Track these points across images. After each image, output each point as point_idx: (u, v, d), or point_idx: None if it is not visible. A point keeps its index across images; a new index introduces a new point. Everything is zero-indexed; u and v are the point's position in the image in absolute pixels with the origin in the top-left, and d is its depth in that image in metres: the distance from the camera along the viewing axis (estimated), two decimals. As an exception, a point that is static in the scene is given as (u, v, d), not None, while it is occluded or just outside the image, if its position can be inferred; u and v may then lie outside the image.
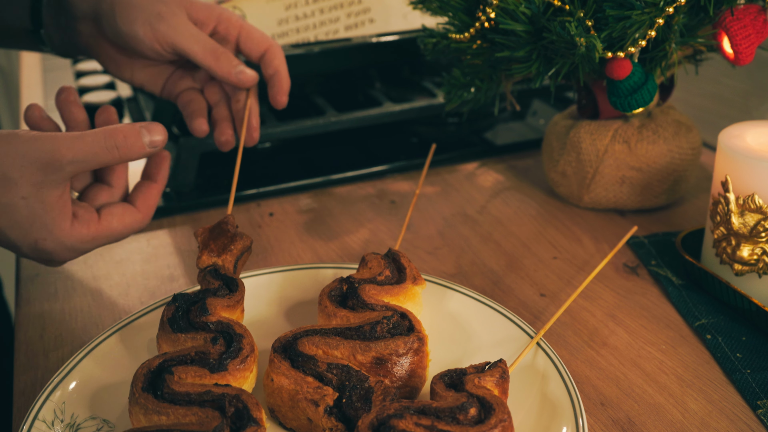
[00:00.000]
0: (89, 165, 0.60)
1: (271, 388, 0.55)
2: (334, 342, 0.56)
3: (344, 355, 0.56)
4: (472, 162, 1.01)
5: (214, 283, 0.62)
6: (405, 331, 0.58)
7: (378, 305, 0.60)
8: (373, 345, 0.55)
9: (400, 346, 0.56)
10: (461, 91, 0.88)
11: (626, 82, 0.75)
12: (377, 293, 0.61)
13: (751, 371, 0.63)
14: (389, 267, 0.64)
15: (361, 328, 0.57)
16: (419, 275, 0.64)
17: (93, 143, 0.59)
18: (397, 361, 0.56)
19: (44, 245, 0.61)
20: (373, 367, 0.56)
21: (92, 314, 0.72)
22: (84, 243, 0.63)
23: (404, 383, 0.57)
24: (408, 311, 0.60)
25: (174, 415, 0.50)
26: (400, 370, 0.56)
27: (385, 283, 0.63)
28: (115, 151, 0.60)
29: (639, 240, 0.82)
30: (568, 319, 0.71)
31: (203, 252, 0.64)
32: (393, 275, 0.64)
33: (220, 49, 0.75)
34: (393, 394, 0.53)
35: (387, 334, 0.57)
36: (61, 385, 0.58)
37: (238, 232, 0.66)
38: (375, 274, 0.63)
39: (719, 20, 0.74)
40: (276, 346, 0.57)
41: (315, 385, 0.54)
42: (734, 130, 0.71)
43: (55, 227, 0.61)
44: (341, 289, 0.62)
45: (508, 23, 0.74)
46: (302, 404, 0.54)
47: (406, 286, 0.63)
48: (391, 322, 0.57)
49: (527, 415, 0.56)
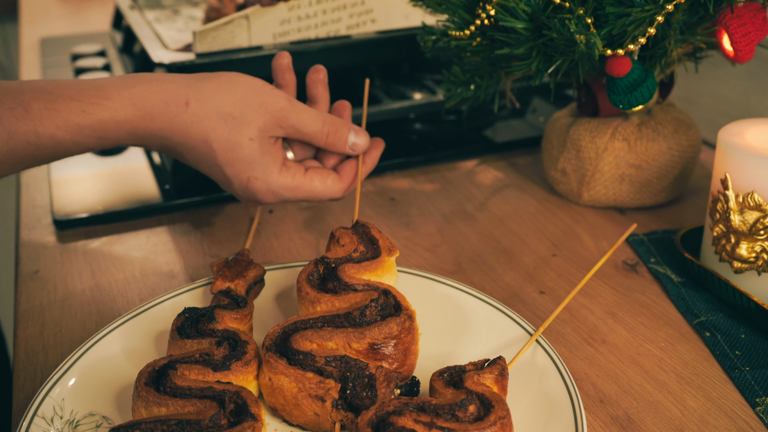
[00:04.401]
0: (302, 136, 0.70)
1: (271, 388, 0.55)
2: (327, 334, 0.56)
3: (339, 345, 0.56)
4: (471, 159, 1.01)
5: (224, 300, 0.63)
6: (393, 311, 0.58)
7: (359, 285, 0.60)
8: (367, 332, 0.56)
9: (393, 328, 0.56)
10: (461, 88, 0.88)
11: (626, 80, 0.75)
12: (356, 272, 0.61)
13: (750, 369, 0.63)
14: (362, 241, 0.65)
15: (350, 315, 0.57)
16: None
17: (313, 122, 0.69)
18: (392, 343, 0.56)
19: (254, 184, 0.68)
20: (370, 353, 0.56)
21: (91, 311, 0.72)
22: (286, 190, 0.69)
23: (401, 363, 0.57)
24: (390, 287, 0.60)
25: (173, 406, 0.51)
26: (396, 351, 0.57)
27: (361, 259, 0.63)
28: (324, 137, 0.70)
29: (638, 237, 0.82)
30: (567, 316, 0.71)
31: (218, 278, 0.66)
32: (367, 249, 0.64)
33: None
34: (396, 378, 0.53)
35: (377, 316, 0.57)
36: (61, 382, 0.58)
37: (253, 262, 0.68)
38: (349, 251, 0.64)
39: (719, 18, 0.74)
40: (268, 345, 0.56)
41: (317, 380, 0.53)
42: (734, 128, 0.71)
43: (267, 169, 0.68)
44: (318, 272, 0.62)
45: (508, 20, 0.74)
46: (307, 401, 0.54)
47: (383, 259, 0.63)
48: (379, 304, 0.58)
49: (526, 413, 0.56)
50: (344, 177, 0.72)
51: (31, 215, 0.88)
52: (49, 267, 0.78)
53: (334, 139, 0.71)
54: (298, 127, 0.69)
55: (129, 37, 1.28)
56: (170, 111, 0.64)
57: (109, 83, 0.63)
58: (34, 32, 1.56)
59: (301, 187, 0.70)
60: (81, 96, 0.61)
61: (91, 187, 0.91)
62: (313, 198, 0.71)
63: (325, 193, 0.71)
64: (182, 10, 1.22)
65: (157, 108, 0.64)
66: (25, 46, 1.47)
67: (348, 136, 0.72)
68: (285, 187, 0.69)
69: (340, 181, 0.72)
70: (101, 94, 0.62)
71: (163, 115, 0.64)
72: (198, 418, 0.49)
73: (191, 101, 0.65)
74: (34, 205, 0.90)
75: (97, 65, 1.24)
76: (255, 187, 0.68)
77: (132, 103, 0.63)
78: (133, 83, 0.64)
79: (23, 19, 1.67)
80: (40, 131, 0.60)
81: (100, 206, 0.87)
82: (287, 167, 0.69)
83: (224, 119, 0.66)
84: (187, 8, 1.23)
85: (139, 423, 0.49)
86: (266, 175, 0.68)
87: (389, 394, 0.53)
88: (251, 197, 0.70)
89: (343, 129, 0.72)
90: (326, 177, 0.71)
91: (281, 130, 0.68)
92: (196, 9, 1.23)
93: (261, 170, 0.68)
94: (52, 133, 0.60)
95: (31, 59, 1.39)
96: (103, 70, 1.22)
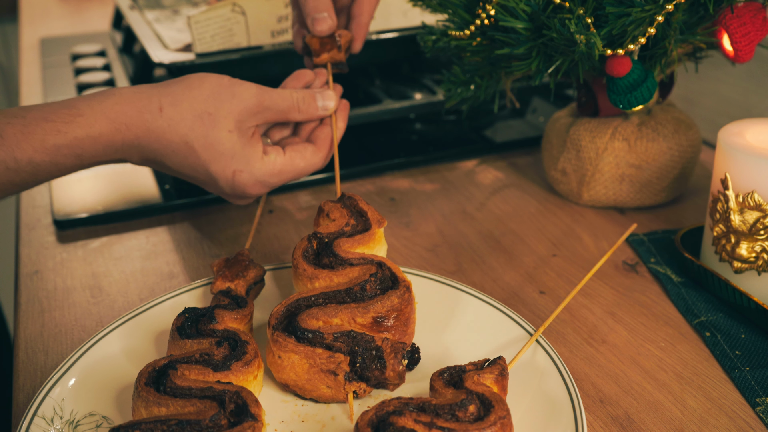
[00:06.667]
0: (277, 115, 0.70)
1: (281, 366, 0.57)
2: (332, 310, 0.58)
3: (344, 321, 0.57)
4: (471, 159, 1.01)
5: (223, 300, 0.63)
6: (390, 283, 0.60)
7: (355, 259, 0.62)
8: (370, 306, 0.58)
9: (394, 301, 0.58)
10: (461, 88, 0.88)
11: (626, 80, 0.75)
12: (351, 246, 0.63)
13: (750, 369, 0.63)
14: (352, 215, 0.66)
15: (351, 290, 0.59)
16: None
17: (284, 97, 0.70)
18: (394, 314, 0.58)
19: (240, 177, 0.68)
20: (374, 326, 0.58)
21: (91, 311, 0.72)
22: (272, 176, 0.69)
23: (403, 333, 0.59)
24: (384, 259, 0.62)
25: (173, 406, 0.51)
26: (398, 322, 0.59)
27: (353, 233, 0.65)
28: (296, 108, 0.71)
29: (638, 237, 0.82)
30: (567, 316, 0.71)
31: (218, 278, 0.66)
32: (358, 222, 0.66)
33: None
34: (402, 348, 0.56)
35: (377, 290, 0.59)
36: (61, 382, 0.58)
37: (253, 262, 0.68)
38: (341, 225, 0.65)
39: (719, 18, 0.74)
40: (274, 324, 0.58)
41: (327, 355, 0.56)
42: (734, 128, 0.71)
43: (250, 160, 0.68)
44: (312, 248, 0.64)
45: (508, 20, 0.74)
46: (319, 376, 0.56)
47: (374, 231, 0.65)
48: (378, 278, 0.60)
49: (526, 413, 0.56)
50: (321, 145, 0.73)
51: (31, 215, 0.88)
52: (49, 267, 0.78)
53: (306, 105, 0.72)
54: (273, 106, 0.69)
55: (129, 37, 1.28)
56: (145, 118, 0.64)
57: (81, 101, 0.63)
58: (34, 32, 1.56)
59: (285, 170, 0.70)
60: (54, 116, 0.61)
61: (91, 187, 0.91)
62: (299, 176, 0.71)
63: (308, 167, 0.71)
64: (182, 10, 1.22)
65: (131, 118, 0.64)
66: (25, 46, 1.47)
67: (317, 99, 0.73)
68: (269, 173, 0.69)
69: (319, 151, 0.72)
70: (74, 111, 0.62)
71: (138, 123, 0.64)
72: (198, 419, 0.49)
73: (164, 106, 0.65)
74: (34, 205, 0.90)
75: (97, 65, 1.24)
76: (241, 180, 0.68)
77: (106, 117, 0.63)
78: (104, 98, 0.64)
79: (23, 19, 1.67)
80: (17, 156, 0.59)
81: (100, 206, 0.87)
82: (267, 153, 0.69)
83: (200, 117, 0.66)
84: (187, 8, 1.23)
85: (139, 423, 0.49)
86: (250, 166, 0.68)
87: (397, 365, 0.55)
88: (239, 192, 0.69)
89: (311, 94, 0.73)
90: (304, 151, 0.71)
91: (258, 117, 0.69)
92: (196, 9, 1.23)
93: (245, 162, 0.68)
94: (30, 157, 0.60)
95: (31, 59, 1.39)
96: (103, 70, 1.22)
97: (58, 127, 0.61)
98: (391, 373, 0.55)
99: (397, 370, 0.55)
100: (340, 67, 0.79)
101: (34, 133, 0.60)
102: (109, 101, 0.64)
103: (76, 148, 0.62)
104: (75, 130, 0.62)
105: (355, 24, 0.81)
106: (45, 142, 0.60)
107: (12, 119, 0.60)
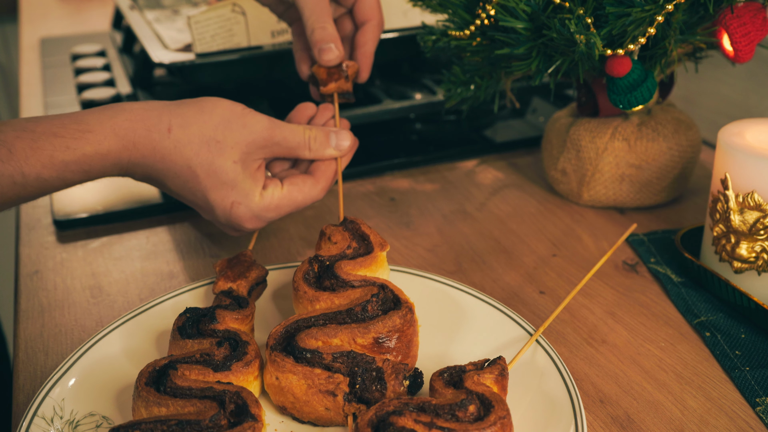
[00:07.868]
0: (286, 151, 0.69)
1: (279, 387, 0.55)
2: (332, 331, 0.56)
3: (344, 341, 0.56)
4: (471, 159, 1.01)
5: (225, 300, 0.63)
6: (392, 304, 0.59)
7: (356, 281, 0.61)
8: (371, 326, 0.57)
9: (396, 321, 0.57)
10: (461, 88, 0.88)
11: (626, 80, 0.75)
12: (352, 268, 0.62)
13: (750, 369, 0.63)
14: (354, 238, 0.65)
15: (352, 311, 0.58)
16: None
17: (295, 133, 0.69)
18: (395, 335, 0.57)
19: (237, 210, 0.67)
20: (375, 347, 0.57)
21: (91, 311, 0.72)
22: (269, 211, 0.69)
23: (405, 354, 0.58)
24: (386, 281, 0.61)
25: (173, 406, 0.51)
26: (400, 344, 0.57)
27: (355, 255, 0.64)
28: (307, 146, 0.70)
29: (638, 237, 0.82)
30: (567, 316, 0.71)
31: (220, 278, 0.66)
32: (360, 246, 0.65)
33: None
34: (403, 369, 0.54)
35: (378, 311, 0.58)
36: (61, 382, 0.58)
37: (255, 262, 0.68)
38: (342, 248, 0.64)
39: (719, 18, 0.74)
40: (272, 344, 0.57)
41: (325, 376, 0.54)
42: (734, 128, 0.71)
43: (249, 193, 0.67)
44: (314, 270, 0.63)
45: (508, 20, 0.74)
46: (317, 397, 0.54)
47: (376, 254, 0.64)
48: (380, 299, 0.59)
49: (526, 413, 0.56)
50: (319, 177, 0.71)
51: (31, 215, 0.88)
52: (49, 267, 0.78)
53: (318, 144, 0.70)
54: (283, 142, 0.68)
55: (129, 37, 1.28)
56: (153, 138, 0.64)
57: (90, 116, 0.63)
58: (34, 32, 1.56)
59: (282, 204, 0.69)
60: (63, 132, 0.61)
61: (91, 187, 0.91)
62: (296, 209, 0.70)
63: (307, 200, 0.70)
64: (182, 10, 1.22)
65: (140, 136, 0.63)
66: (25, 46, 1.47)
67: (330, 139, 0.71)
68: (267, 208, 0.68)
69: (317, 183, 0.71)
70: (83, 127, 0.62)
71: (145, 142, 0.64)
72: (198, 419, 0.49)
73: (173, 127, 0.64)
74: (34, 205, 0.90)
75: (97, 65, 1.24)
76: (238, 213, 0.67)
77: (114, 134, 0.62)
78: (114, 113, 0.63)
79: (23, 19, 1.67)
80: (26, 171, 0.59)
81: (100, 206, 0.87)
82: (265, 188, 0.68)
83: (207, 143, 0.65)
84: (187, 8, 1.23)
85: (139, 423, 0.49)
86: (248, 199, 0.67)
87: (398, 386, 0.54)
88: (234, 224, 0.69)
89: (325, 133, 0.71)
90: (303, 185, 0.70)
91: (265, 150, 0.68)
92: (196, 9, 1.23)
93: (244, 195, 0.67)
94: (38, 173, 0.59)
95: (31, 59, 1.39)
96: (103, 71, 1.22)
97: (67, 143, 0.60)
98: (392, 394, 0.54)
99: (397, 391, 0.54)
100: (347, 96, 0.78)
101: (43, 148, 0.59)
102: (120, 117, 0.63)
103: (84, 164, 0.62)
104: (84, 147, 0.61)
105: (361, 54, 0.80)
106: (53, 158, 0.60)
107: (21, 132, 0.59)
